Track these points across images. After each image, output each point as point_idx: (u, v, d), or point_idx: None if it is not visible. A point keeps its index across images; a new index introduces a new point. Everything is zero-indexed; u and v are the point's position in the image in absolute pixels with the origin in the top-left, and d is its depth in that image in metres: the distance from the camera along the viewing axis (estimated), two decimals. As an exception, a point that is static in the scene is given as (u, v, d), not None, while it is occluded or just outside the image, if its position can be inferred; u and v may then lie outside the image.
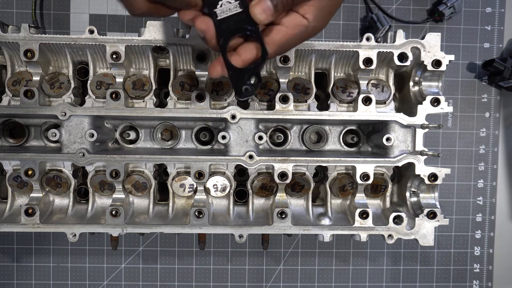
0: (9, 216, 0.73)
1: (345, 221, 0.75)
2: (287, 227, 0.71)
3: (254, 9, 0.45)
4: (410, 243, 0.93)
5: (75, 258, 0.91)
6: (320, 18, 0.48)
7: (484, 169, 0.93)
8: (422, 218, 0.72)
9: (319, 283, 0.93)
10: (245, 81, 0.49)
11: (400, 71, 0.76)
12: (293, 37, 0.48)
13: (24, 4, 0.87)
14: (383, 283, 0.94)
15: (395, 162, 0.72)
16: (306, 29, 0.48)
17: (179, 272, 0.92)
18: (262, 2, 0.45)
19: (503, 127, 0.93)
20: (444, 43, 0.91)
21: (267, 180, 0.75)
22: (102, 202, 0.76)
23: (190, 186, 0.75)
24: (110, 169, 0.70)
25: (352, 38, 0.91)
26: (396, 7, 0.91)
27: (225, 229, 0.71)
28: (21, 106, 0.68)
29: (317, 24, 0.48)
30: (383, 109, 0.76)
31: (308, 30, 0.48)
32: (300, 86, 0.74)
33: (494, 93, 0.93)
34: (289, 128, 0.77)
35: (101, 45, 0.69)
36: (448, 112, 0.77)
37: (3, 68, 0.75)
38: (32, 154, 0.69)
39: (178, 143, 0.77)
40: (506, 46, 0.92)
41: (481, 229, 0.94)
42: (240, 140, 0.71)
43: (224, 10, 0.46)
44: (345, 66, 0.75)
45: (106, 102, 0.69)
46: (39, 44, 0.68)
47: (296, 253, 0.93)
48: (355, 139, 0.78)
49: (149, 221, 0.73)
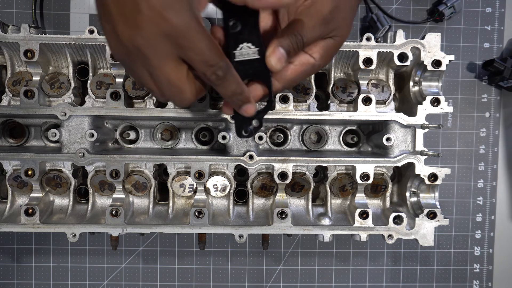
0: (9, 216, 0.73)
1: (345, 221, 0.75)
2: (287, 227, 0.71)
3: (270, 59, 0.48)
4: (410, 243, 0.93)
5: (75, 258, 0.91)
6: (326, 57, 0.52)
7: (484, 169, 0.93)
8: (422, 218, 0.72)
9: (319, 283, 0.93)
10: (248, 122, 0.52)
11: (400, 71, 0.76)
12: (300, 73, 0.52)
13: (24, 4, 0.87)
14: (383, 283, 0.94)
15: (395, 162, 0.72)
16: (313, 66, 0.52)
17: (179, 272, 0.92)
18: (276, 51, 0.48)
19: (503, 127, 0.93)
20: (444, 43, 0.91)
21: (267, 180, 0.75)
22: (102, 202, 0.76)
23: (190, 186, 0.75)
24: (110, 169, 0.70)
25: (352, 38, 0.91)
26: (396, 7, 0.91)
27: (225, 229, 0.71)
28: (21, 106, 0.68)
29: (322, 62, 0.52)
30: (383, 109, 0.76)
31: (314, 67, 0.52)
32: (300, 86, 0.74)
33: (494, 93, 0.93)
34: (289, 128, 0.77)
35: (101, 45, 0.69)
36: (448, 112, 0.77)
37: (3, 68, 0.75)
38: (32, 154, 0.69)
39: (178, 143, 0.77)
40: (506, 46, 0.92)
41: (481, 229, 0.94)
42: (240, 140, 0.71)
43: (243, 54, 0.48)
44: (345, 66, 0.75)
45: (106, 102, 0.69)
46: (39, 44, 0.68)
47: (296, 253, 0.93)
48: (355, 139, 0.78)
49: (149, 221, 0.73)
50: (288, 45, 0.48)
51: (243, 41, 0.48)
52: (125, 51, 0.44)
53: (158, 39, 0.42)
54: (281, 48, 0.48)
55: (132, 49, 0.43)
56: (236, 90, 0.48)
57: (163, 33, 0.42)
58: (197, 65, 0.44)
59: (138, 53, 0.44)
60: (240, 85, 0.48)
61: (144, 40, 0.42)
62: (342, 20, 0.50)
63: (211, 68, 0.44)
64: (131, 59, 0.45)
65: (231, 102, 0.50)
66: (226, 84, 0.46)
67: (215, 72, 0.45)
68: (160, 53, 0.44)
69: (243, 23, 0.47)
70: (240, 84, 0.48)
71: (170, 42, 0.43)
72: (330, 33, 0.50)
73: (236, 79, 0.47)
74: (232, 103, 0.50)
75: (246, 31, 0.48)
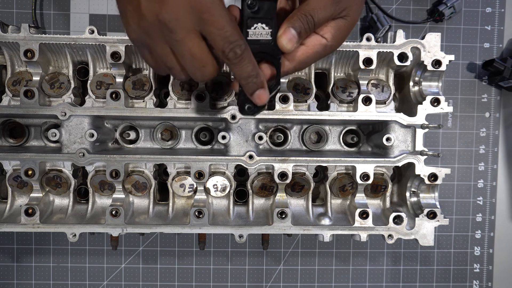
0: (9, 216, 0.73)
1: (345, 221, 0.75)
2: (287, 227, 0.71)
3: (281, 39, 0.49)
4: (410, 243, 0.93)
5: (75, 258, 0.91)
6: (337, 37, 0.52)
7: (484, 169, 0.93)
8: (422, 218, 0.72)
9: (319, 283, 0.93)
10: (250, 101, 0.52)
11: (400, 71, 0.76)
12: (312, 55, 0.52)
13: (24, 4, 0.87)
14: (383, 283, 0.94)
15: (395, 162, 0.72)
16: (325, 47, 0.52)
17: (179, 272, 0.92)
18: (287, 32, 0.49)
19: (503, 127, 0.93)
20: (444, 43, 0.91)
21: (267, 180, 0.75)
22: (102, 202, 0.76)
23: (190, 186, 0.75)
24: (110, 169, 0.70)
25: (352, 38, 0.91)
26: (396, 7, 0.91)
27: (225, 229, 0.71)
28: (21, 106, 0.68)
29: (334, 43, 0.52)
30: (383, 109, 0.76)
31: (326, 49, 0.52)
32: (300, 86, 0.74)
33: (494, 93, 0.93)
34: (289, 128, 0.77)
35: (101, 45, 0.69)
36: (448, 112, 0.77)
37: (3, 68, 0.75)
38: (32, 154, 0.69)
39: (178, 143, 0.77)
40: (506, 46, 0.92)
41: (481, 229, 0.94)
42: (240, 140, 0.71)
43: (256, 33, 0.50)
44: (345, 66, 0.75)
45: (106, 102, 0.69)
46: (39, 44, 0.68)
47: (296, 253, 0.93)
48: (355, 139, 0.78)
49: (149, 221, 0.73)
50: (299, 26, 0.49)
51: (258, 21, 0.49)
52: (147, 29, 0.46)
53: (183, 13, 0.44)
54: (292, 28, 0.49)
55: (156, 24, 0.45)
56: (251, 72, 0.48)
57: (189, 6, 0.44)
58: (217, 40, 0.46)
59: (162, 28, 0.45)
60: (256, 68, 0.48)
61: (169, 14, 0.44)
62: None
63: (230, 44, 0.45)
64: (153, 36, 0.47)
65: (245, 86, 0.50)
66: (242, 64, 0.47)
67: (233, 49, 0.46)
68: (184, 27, 0.45)
69: (261, 4, 0.49)
70: (256, 67, 0.48)
71: (194, 16, 0.44)
72: (341, 13, 0.50)
73: (252, 60, 0.48)
74: (246, 86, 0.50)
75: (262, 11, 0.49)
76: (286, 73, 0.54)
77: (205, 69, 0.49)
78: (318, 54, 0.52)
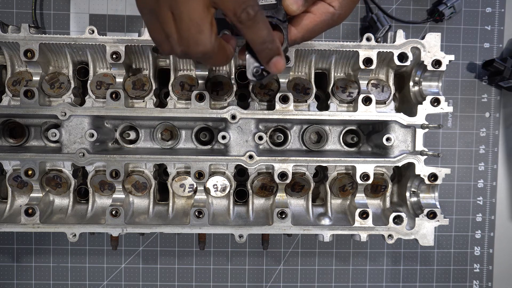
0: (9, 216, 0.73)
1: (345, 221, 0.75)
2: (287, 227, 0.71)
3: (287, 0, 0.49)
4: (410, 243, 0.93)
5: (75, 258, 0.91)
6: (345, 5, 0.51)
7: (484, 169, 0.93)
8: (422, 218, 0.72)
9: (319, 283, 0.93)
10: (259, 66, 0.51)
11: (400, 71, 0.76)
12: (320, 23, 0.51)
13: (24, 4, 0.87)
14: (383, 283, 0.94)
15: (395, 162, 0.72)
16: (333, 16, 0.51)
17: (179, 272, 0.92)
18: None
19: (503, 127, 0.93)
20: (444, 43, 0.91)
21: (267, 180, 0.75)
22: (102, 202, 0.76)
23: (190, 186, 0.75)
24: (110, 169, 0.70)
25: (352, 38, 0.91)
26: (396, 7, 0.91)
27: (225, 229, 0.71)
28: (21, 106, 0.68)
29: (342, 11, 0.51)
30: (383, 109, 0.76)
31: (334, 17, 0.51)
32: (300, 86, 0.74)
33: (494, 93, 0.93)
34: (289, 128, 0.77)
35: (101, 45, 0.69)
36: (448, 112, 0.77)
37: (3, 68, 0.75)
38: (32, 154, 0.69)
39: (178, 143, 0.77)
40: (506, 46, 0.92)
41: (481, 229, 0.94)
42: (240, 140, 0.71)
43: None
44: (345, 66, 0.75)
45: (106, 102, 0.69)
46: (39, 44, 0.68)
47: (296, 253, 0.93)
48: (355, 139, 0.78)
49: (149, 221, 0.73)
50: None
51: None
52: None
53: None
54: None
55: None
56: (267, 38, 0.47)
57: None
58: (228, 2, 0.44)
59: None
60: (271, 33, 0.47)
61: None
62: None
63: (242, 4, 0.44)
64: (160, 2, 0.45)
65: (259, 53, 0.48)
66: (256, 27, 0.46)
67: (246, 9, 0.44)
68: None
69: None
70: (271, 31, 0.47)
71: None
72: None
73: (267, 24, 0.46)
74: (262, 53, 0.48)
75: None
76: (294, 42, 0.52)
77: (201, 37, 0.46)
78: (325, 22, 0.51)
